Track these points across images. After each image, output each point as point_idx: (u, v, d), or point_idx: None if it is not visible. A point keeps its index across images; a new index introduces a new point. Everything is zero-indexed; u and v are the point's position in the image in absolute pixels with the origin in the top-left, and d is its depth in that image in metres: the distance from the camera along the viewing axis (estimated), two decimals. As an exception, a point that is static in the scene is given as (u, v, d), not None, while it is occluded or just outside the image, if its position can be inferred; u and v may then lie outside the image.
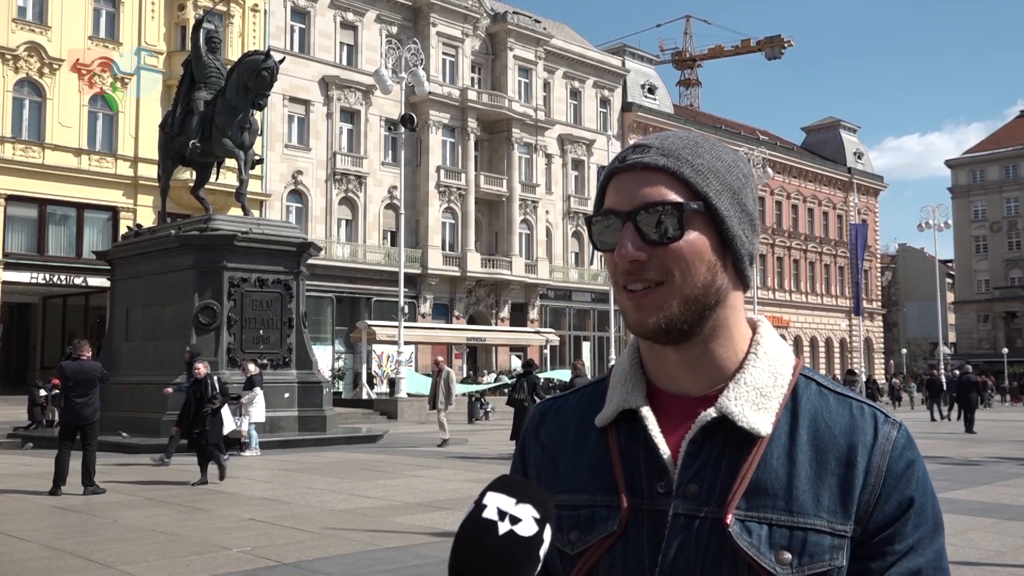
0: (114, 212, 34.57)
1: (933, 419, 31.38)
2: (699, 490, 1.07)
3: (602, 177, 1.15)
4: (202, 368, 13.36)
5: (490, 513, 0.94)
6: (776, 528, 1.04)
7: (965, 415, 24.85)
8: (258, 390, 16.83)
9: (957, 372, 27.01)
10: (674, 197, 1.08)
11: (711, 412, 1.09)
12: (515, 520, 0.93)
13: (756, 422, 1.08)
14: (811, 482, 1.06)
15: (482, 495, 0.96)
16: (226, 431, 13.35)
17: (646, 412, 1.13)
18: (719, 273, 1.10)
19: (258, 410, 16.71)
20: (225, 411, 13.29)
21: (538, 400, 10.57)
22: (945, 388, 33.19)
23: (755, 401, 1.09)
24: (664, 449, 1.10)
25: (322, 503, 10.70)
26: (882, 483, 1.06)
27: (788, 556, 1.03)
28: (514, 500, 0.95)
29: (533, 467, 1.22)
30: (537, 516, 0.94)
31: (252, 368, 17.20)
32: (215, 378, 13.39)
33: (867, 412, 1.11)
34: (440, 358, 21.39)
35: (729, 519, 1.04)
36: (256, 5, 38.31)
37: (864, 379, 36.14)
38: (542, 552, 0.94)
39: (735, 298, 1.14)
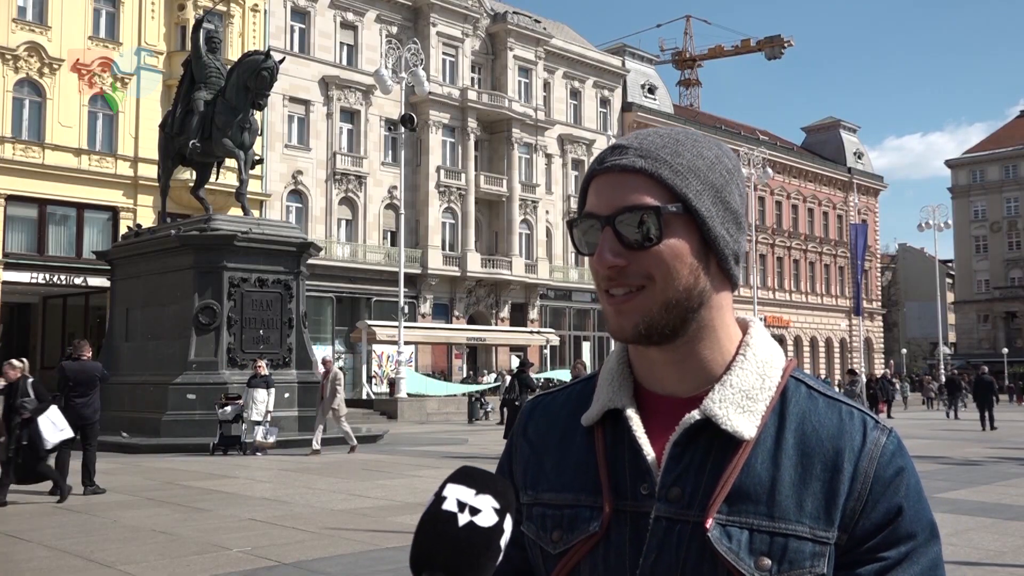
0: (114, 212, 34.56)
1: (948, 417, 32.36)
2: (681, 493, 1.05)
3: (583, 179, 1.13)
4: (12, 370, 10.96)
5: (450, 505, 0.93)
6: (757, 533, 1.02)
7: (982, 413, 26.23)
8: (272, 390, 16.87)
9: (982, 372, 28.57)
10: (652, 200, 1.06)
11: (695, 414, 1.07)
12: (475, 511, 0.92)
13: (740, 425, 1.05)
14: (795, 487, 1.04)
15: (442, 487, 0.95)
16: (49, 444, 10.81)
17: (631, 413, 1.11)
18: (701, 275, 1.08)
19: (260, 408, 16.71)
20: (43, 420, 10.75)
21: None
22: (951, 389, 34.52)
23: (740, 403, 1.07)
24: (648, 451, 1.08)
25: (322, 503, 10.70)
26: (869, 490, 1.04)
27: (768, 562, 1.01)
28: (473, 491, 0.94)
29: (520, 464, 1.20)
30: (497, 506, 0.93)
31: (264, 368, 17.20)
32: (30, 381, 11.04)
33: (856, 417, 1.08)
34: (327, 358, 18.69)
35: (709, 523, 1.02)
36: (256, 5, 38.30)
37: (865, 379, 36.09)
38: (503, 542, 0.93)
39: (721, 298, 1.12)
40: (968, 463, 15.94)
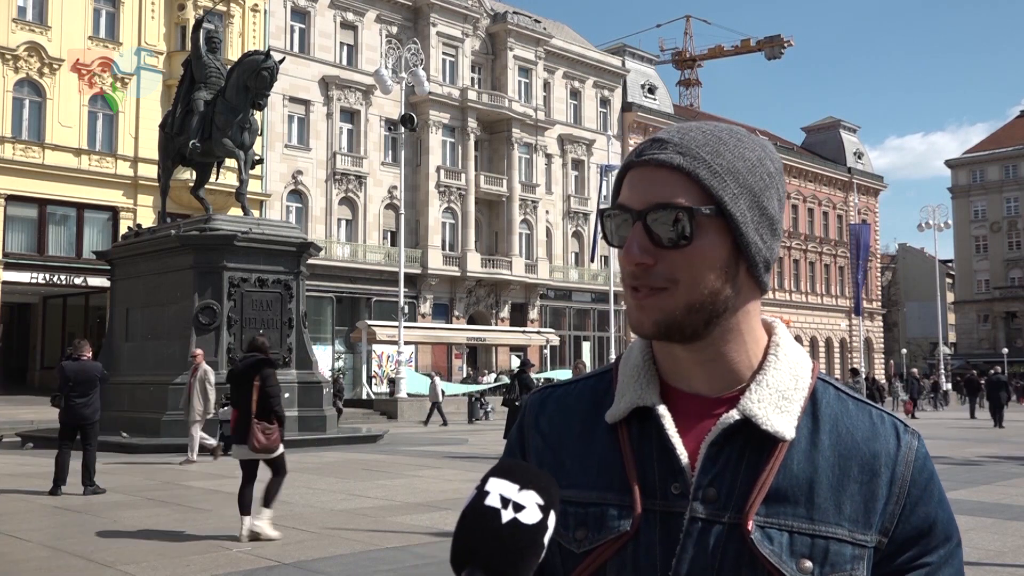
0: (114, 212, 34.57)
1: (973, 417, 32.38)
2: (717, 494, 1.04)
3: (619, 168, 1.11)
4: None
5: (493, 500, 0.90)
6: (797, 536, 1.02)
7: (993, 412, 27.34)
8: None
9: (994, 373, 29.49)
10: (686, 200, 1.03)
11: (733, 414, 1.06)
12: (519, 507, 0.90)
13: (780, 425, 1.05)
14: (833, 489, 1.04)
15: (484, 481, 0.93)
16: None
17: (662, 411, 1.09)
18: (729, 280, 1.06)
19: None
20: None
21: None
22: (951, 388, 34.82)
23: (778, 404, 1.06)
24: (681, 450, 1.06)
25: (322, 503, 10.69)
26: (906, 494, 1.05)
27: (809, 564, 1.01)
28: (517, 486, 0.92)
29: (533, 456, 1.17)
30: (541, 503, 0.91)
31: None
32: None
33: (887, 420, 1.09)
34: (198, 351, 16.31)
35: (750, 525, 1.01)
36: (256, 5, 38.31)
37: (864, 376, 36.18)
38: (546, 539, 0.91)
39: (749, 304, 1.10)
40: (968, 463, 15.93)
